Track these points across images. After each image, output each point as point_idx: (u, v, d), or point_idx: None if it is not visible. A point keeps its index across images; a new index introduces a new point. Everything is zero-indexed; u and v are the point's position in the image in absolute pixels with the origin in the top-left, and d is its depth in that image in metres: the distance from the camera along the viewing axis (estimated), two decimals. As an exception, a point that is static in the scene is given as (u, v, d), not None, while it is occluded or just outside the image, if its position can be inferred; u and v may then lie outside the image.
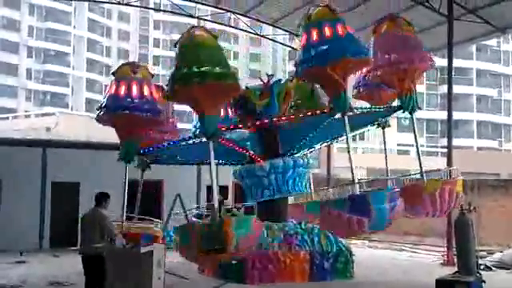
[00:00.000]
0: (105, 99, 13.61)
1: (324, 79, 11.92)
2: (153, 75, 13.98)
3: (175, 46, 11.35)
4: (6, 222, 18.54)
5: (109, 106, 13.22)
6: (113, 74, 13.93)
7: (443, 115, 19.89)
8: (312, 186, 15.68)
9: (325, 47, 11.46)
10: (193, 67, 10.68)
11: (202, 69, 10.62)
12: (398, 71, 12.70)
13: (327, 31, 11.59)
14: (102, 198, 9.89)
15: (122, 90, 13.16)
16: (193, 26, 11.72)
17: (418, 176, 13.48)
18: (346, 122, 11.73)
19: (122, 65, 14.33)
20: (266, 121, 13.37)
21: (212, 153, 11.08)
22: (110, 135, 16.62)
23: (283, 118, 13.69)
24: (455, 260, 13.18)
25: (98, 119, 13.57)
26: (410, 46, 12.90)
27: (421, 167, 13.14)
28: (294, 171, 13.58)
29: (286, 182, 13.50)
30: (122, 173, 13.93)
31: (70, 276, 13.14)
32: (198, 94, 10.82)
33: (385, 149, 15.57)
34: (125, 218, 13.88)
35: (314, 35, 11.72)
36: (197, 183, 21.70)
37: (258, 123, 13.52)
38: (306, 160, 14.01)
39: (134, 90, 13.02)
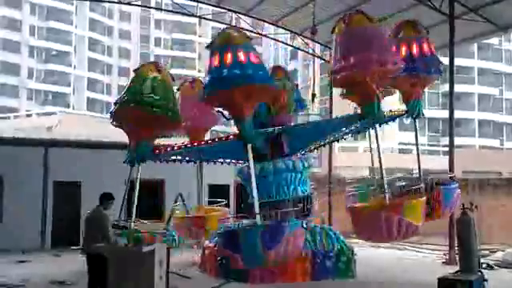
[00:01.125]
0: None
1: (229, 104, 11.66)
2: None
3: None
4: (7, 221, 18.60)
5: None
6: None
7: (445, 114, 19.89)
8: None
9: (230, 72, 11.24)
10: (130, 94, 12.45)
11: (138, 97, 12.30)
12: (353, 74, 11.31)
13: (234, 56, 11.32)
14: (104, 198, 9.98)
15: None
16: (142, 65, 13.56)
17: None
18: (250, 150, 11.59)
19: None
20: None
21: (139, 174, 12.67)
22: (111, 134, 16.64)
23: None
24: (457, 259, 13.19)
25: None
26: (369, 46, 11.33)
27: (384, 189, 11.75)
28: (275, 176, 13.39)
29: (269, 186, 13.40)
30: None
31: (71, 275, 13.17)
32: (130, 120, 12.44)
33: (416, 144, 14.57)
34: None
35: (219, 59, 11.49)
36: (198, 182, 21.67)
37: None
38: (292, 164, 13.50)
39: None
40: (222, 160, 16.34)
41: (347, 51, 11.53)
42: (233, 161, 16.55)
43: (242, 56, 11.28)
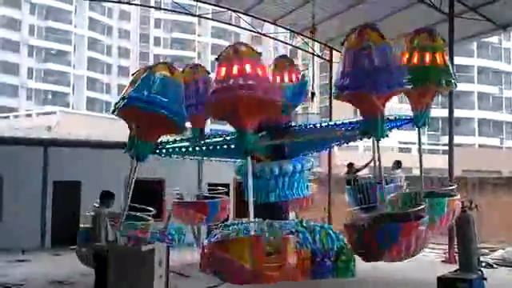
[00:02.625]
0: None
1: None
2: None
3: None
4: (7, 220, 18.60)
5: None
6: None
7: (444, 113, 19.87)
8: None
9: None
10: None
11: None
12: (218, 101, 11.01)
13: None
14: (104, 197, 10.04)
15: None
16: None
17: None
18: (135, 166, 12.08)
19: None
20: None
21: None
22: (111, 134, 16.61)
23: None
24: (457, 257, 13.19)
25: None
26: (244, 75, 10.82)
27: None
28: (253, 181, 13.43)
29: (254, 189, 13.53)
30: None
31: (71, 275, 13.18)
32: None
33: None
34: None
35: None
36: (198, 181, 21.65)
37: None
38: (260, 170, 13.16)
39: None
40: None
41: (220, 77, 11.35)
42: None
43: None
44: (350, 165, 16.87)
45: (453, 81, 12.01)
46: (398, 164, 16.51)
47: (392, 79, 10.72)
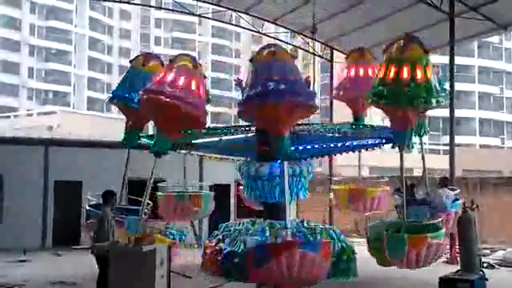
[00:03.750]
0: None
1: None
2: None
3: None
4: (8, 220, 18.60)
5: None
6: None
7: (445, 113, 19.82)
8: None
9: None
10: None
11: None
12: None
13: None
14: (106, 197, 10.08)
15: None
16: None
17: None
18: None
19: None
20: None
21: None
22: (111, 133, 16.58)
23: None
24: (458, 258, 13.18)
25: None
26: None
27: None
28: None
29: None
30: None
31: (72, 275, 13.18)
32: None
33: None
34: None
35: None
36: (199, 181, 21.65)
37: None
38: (244, 168, 12.95)
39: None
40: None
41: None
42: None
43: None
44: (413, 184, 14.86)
45: (431, 99, 10.50)
46: (444, 181, 14.96)
47: (274, 94, 10.13)
